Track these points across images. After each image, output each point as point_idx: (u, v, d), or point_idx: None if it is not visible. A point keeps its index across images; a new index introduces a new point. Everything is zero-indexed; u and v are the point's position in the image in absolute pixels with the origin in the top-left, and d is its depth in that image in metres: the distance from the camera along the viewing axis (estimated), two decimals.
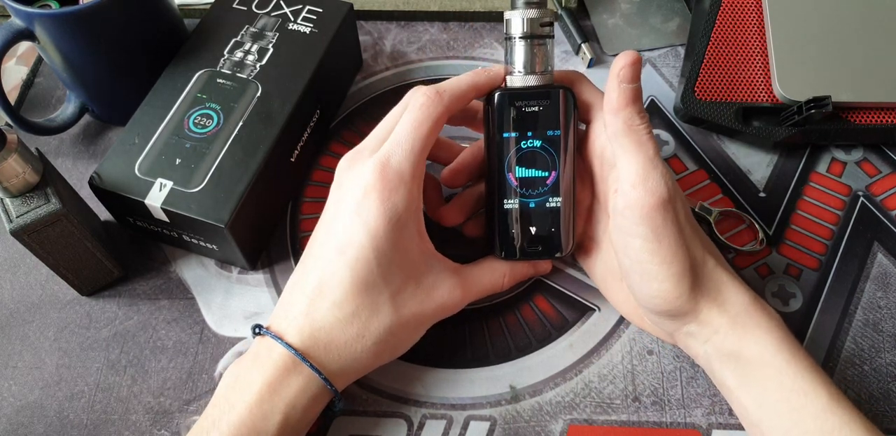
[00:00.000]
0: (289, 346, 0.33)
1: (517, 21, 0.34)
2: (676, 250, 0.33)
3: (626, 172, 0.33)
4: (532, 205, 0.36)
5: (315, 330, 0.33)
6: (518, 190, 0.36)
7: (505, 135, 0.35)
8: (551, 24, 0.35)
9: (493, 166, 0.36)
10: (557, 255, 0.37)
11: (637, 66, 0.33)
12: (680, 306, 0.34)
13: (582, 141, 0.37)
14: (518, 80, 0.35)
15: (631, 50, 0.34)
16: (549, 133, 0.35)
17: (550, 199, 0.36)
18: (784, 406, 0.32)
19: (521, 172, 0.35)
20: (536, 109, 0.35)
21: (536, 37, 0.34)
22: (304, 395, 0.32)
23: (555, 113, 0.35)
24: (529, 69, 0.35)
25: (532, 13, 0.34)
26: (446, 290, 0.36)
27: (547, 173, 0.35)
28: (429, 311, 0.36)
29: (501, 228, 0.37)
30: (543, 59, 0.35)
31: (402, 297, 0.35)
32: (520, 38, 0.34)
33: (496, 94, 0.35)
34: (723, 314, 0.34)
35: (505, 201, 0.36)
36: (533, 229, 0.36)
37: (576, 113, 0.36)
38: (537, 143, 0.35)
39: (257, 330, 0.34)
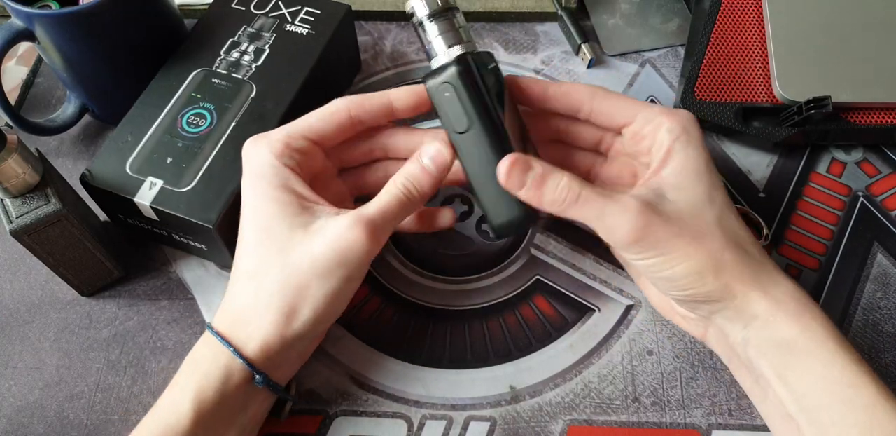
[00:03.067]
0: (208, 326, 0.34)
1: (420, 4, 0.34)
2: (686, 248, 0.32)
3: (595, 229, 0.33)
4: None
5: (226, 305, 0.35)
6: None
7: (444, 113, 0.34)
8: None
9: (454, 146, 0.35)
10: (533, 221, 0.35)
11: (515, 169, 0.33)
12: (713, 291, 0.33)
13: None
14: (442, 59, 0.34)
15: (505, 161, 0.33)
16: (480, 101, 0.33)
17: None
18: (830, 398, 0.31)
19: None
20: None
21: (443, 12, 0.34)
22: (215, 366, 0.33)
23: (470, 84, 0.33)
24: (450, 44, 0.34)
25: None
26: (336, 225, 0.33)
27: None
28: (319, 252, 0.33)
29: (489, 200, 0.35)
30: (456, 31, 0.34)
31: (289, 245, 0.34)
32: (428, 17, 0.34)
33: (425, 80, 0.34)
34: (766, 298, 0.32)
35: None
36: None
37: (495, 80, 0.34)
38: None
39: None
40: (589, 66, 0.51)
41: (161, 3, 0.43)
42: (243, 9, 0.44)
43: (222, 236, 0.38)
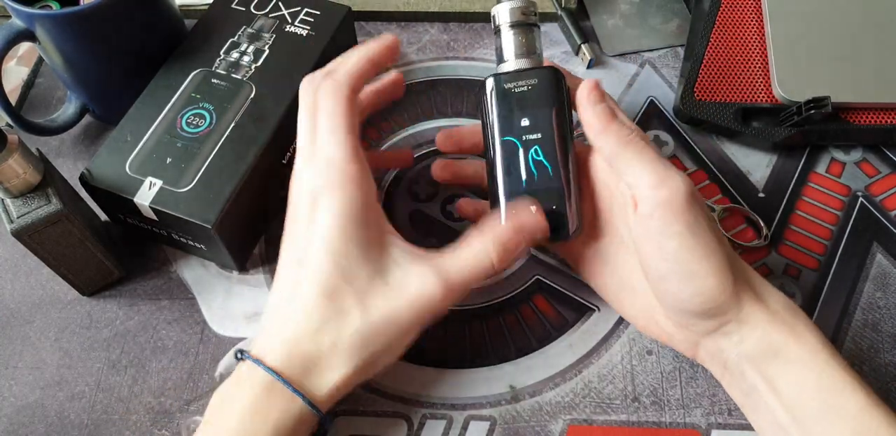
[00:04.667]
0: (269, 369, 0.31)
1: (504, 11, 0.37)
2: (713, 243, 0.32)
3: (641, 178, 0.33)
4: (531, 188, 0.35)
5: (291, 347, 0.32)
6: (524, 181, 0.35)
7: (497, 118, 0.36)
8: (535, 14, 0.37)
9: (492, 152, 0.36)
10: (566, 235, 0.35)
11: (598, 89, 0.35)
12: (725, 301, 0.32)
13: (581, 166, 0.37)
14: (508, 65, 0.37)
15: (590, 78, 0.35)
16: (541, 112, 0.35)
17: (550, 180, 0.35)
18: (821, 407, 0.31)
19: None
20: (526, 88, 0.35)
21: (522, 24, 0.37)
22: (287, 416, 0.31)
23: (545, 91, 0.35)
24: (518, 54, 0.37)
25: (516, 3, 0.37)
26: (418, 282, 0.33)
27: (541, 156, 0.35)
28: (403, 310, 0.32)
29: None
30: (531, 44, 0.37)
31: (370, 297, 0.32)
32: (509, 26, 0.37)
33: (488, 79, 0.36)
34: (764, 309, 0.33)
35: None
36: (533, 208, 0.35)
37: (567, 92, 0.36)
38: (528, 123, 0.35)
39: (239, 356, 0.33)
40: (588, 67, 0.51)
41: (161, 4, 0.43)
42: (243, 9, 0.44)
43: (221, 236, 0.38)
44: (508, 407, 0.38)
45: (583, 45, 0.51)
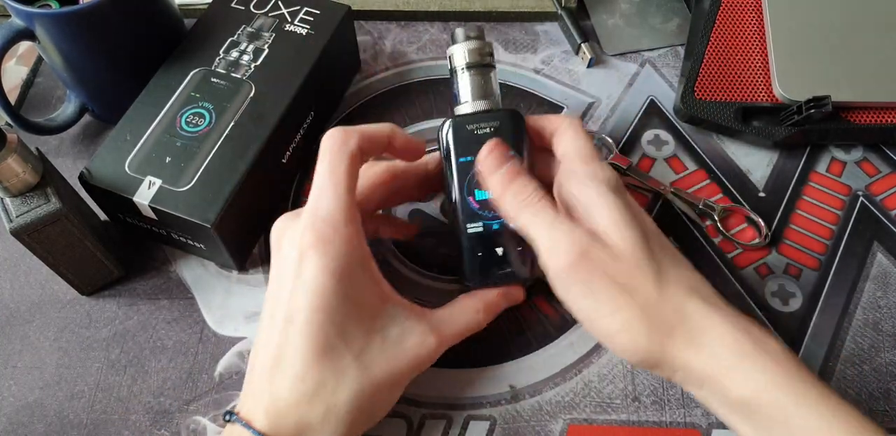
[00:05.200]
0: (259, 434, 0.30)
1: (460, 53, 0.37)
2: (619, 297, 0.31)
3: (537, 242, 0.33)
4: (495, 226, 0.35)
5: (281, 410, 0.30)
6: (480, 212, 0.35)
7: (461, 160, 0.35)
8: (492, 55, 0.37)
9: (453, 193, 0.36)
10: (523, 278, 0.36)
11: (494, 152, 0.34)
12: (648, 356, 0.31)
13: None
14: (466, 107, 0.37)
15: (491, 141, 0.35)
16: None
17: None
18: None
19: (481, 194, 0.35)
20: (488, 130, 0.35)
21: (479, 66, 0.37)
22: None
23: (506, 133, 0.35)
24: (477, 96, 0.37)
25: (472, 45, 0.37)
26: (417, 338, 0.33)
27: None
28: (403, 366, 0.32)
29: (468, 254, 0.36)
30: (489, 86, 0.37)
31: (369, 355, 0.31)
32: (464, 68, 0.37)
33: (448, 121, 0.36)
34: (709, 358, 0.30)
35: (468, 226, 0.36)
36: (499, 250, 0.36)
37: (527, 134, 0.36)
38: None
39: (227, 417, 0.32)
40: (589, 66, 0.51)
41: (161, 3, 0.43)
42: (243, 8, 0.44)
43: (221, 236, 0.38)
44: (508, 407, 0.38)
45: (583, 45, 0.50)
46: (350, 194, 0.33)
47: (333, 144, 0.33)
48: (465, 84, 0.37)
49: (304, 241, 0.32)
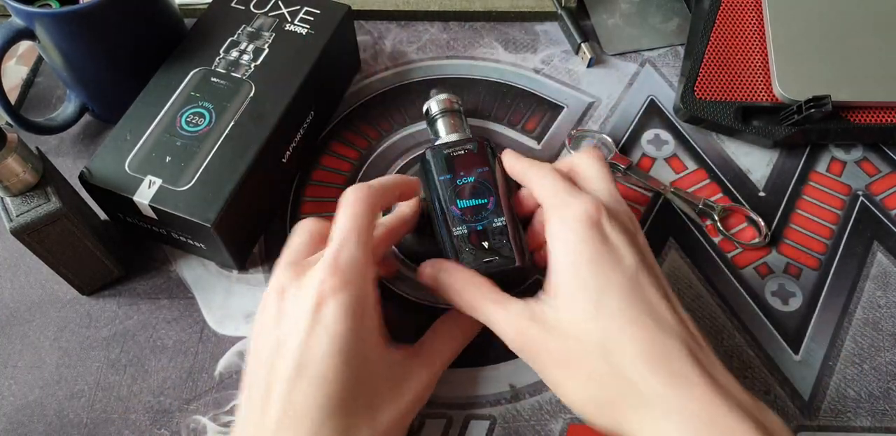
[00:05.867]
0: None
1: (435, 105, 0.44)
2: (556, 374, 0.32)
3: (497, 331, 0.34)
4: (479, 227, 0.37)
5: None
6: (463, 218, 0.37)
7: (441, 178, 0.39)
8: (459, 103, 0.45)
9: (438, 206, 0.38)
10: (515, 265, 0.37)
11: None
12: (602, 426, 0.31)
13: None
14: (444, 139, 0.43)
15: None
16: (479, 170, 0.39)
17: (495, 220, 0.37)
18: None
19: (463, 203, 0.38)
20: (463, 152, 0.39)
21: (451, 111, 0.44)
22: None
23: (480, 153, 0.39)
24: (451, 131, 0.43)
25: (444, 96, 0.44)
26: (415, 378, 0.33)
27: (486, 200, 0.38)
28: (407, 409, 0.32)
29: (457, 254, 0.37)
30: (459, 123, 0.44)
31: (379, 402, 0.31)
32: (440, 114, 0.44)
33: (428, 149, 0.40)
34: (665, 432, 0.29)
35: (454, 229, 0.37)
36: (486, 244, 0.37)
37: (497, 156, 0.39)
38: (471, 178, 0.38)
39: None
40: (589, 66, 0.51)
41: (161, 3, 0.43)
42: (243, 8, 0.44)
43: (221, 235, 0.38)
44: (508, 406, 0.38)
45: (583, 44, 0.50)
46: (370, 244, 0.33)
47: (357, 199, 0.34)
48: (442, 125, 0.44)
49: (325, 286, 0.31)
